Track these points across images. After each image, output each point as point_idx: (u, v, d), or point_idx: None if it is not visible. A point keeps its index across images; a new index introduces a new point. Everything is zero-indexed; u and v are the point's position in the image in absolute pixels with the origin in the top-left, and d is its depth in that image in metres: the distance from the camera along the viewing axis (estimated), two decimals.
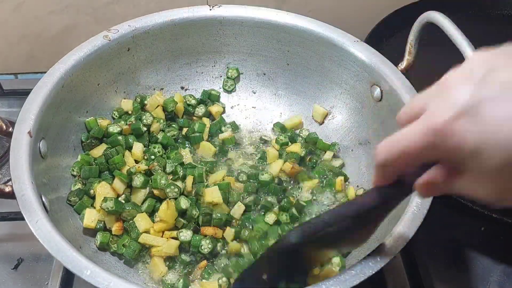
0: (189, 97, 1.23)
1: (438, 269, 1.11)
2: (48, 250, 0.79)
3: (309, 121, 1.25)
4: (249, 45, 1.23)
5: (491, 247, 1.15)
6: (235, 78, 1.27)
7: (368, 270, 0.78)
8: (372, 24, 1.35)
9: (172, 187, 1.01)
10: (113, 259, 1.00)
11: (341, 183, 1.11)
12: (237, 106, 1.28)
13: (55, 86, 1.01)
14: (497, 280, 1.10)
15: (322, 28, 1.16)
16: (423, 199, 0.86)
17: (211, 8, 1.19)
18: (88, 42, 1.09)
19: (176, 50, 1.21)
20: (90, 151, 1.09)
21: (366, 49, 1.13)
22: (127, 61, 1.16)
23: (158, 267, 0.97)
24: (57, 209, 0.95)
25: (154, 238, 0.98)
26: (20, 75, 1.51)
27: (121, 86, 1.18)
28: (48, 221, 0.82)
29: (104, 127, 1.10)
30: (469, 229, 1.17)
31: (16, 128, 0.93)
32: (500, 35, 1.47)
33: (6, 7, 1.36)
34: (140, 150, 1.08)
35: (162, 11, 1.17)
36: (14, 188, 0.85)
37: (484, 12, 1.51)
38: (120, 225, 1.00)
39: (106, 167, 1.06)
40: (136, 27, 1.13)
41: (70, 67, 1.04)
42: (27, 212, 0.82)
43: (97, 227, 0.99)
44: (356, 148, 1.18)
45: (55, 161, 1.02)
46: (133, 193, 1.03)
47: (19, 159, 0.89)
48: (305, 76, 1.23)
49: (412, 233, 0.83)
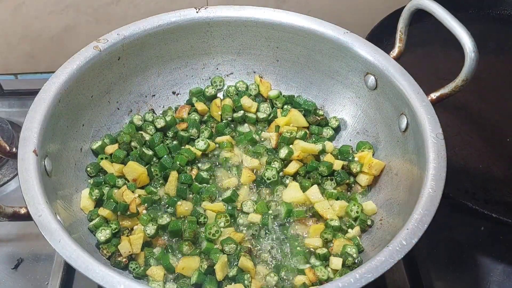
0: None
1: (438, 269, 1.11)
2: (75, 267, 0.79)
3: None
4: (238, 44, 1.23)
5: (491, 247, 1.16)
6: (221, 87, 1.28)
7: (397, 255, 0.80)
8: (372, 24, 1.36)
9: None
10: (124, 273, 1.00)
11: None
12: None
13: (52, 101, 0.99)
14: (497, 280, 1.11)
15: (310, 23, 1.17)
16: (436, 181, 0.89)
17: (198, 10, 1.18)
18: (79, 54, 1.07)
19: (165, 56, 1.21)
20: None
21: (357, 39, 1.14)
22: (118, 70, 1.15)
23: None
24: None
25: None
26: (20, 75, 1.50)
27: (114, 96, 1.17)
28: (71, 240, 0.81)
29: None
30: (469, 229, 1.18)
31: (20, 148, 0.91)
32: (500, 35, 1.48)
33: (6, 7, 1.35)
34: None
35: (160, 13, 1.17)
36: (30, 210, 0.83)
37: (484, 12, 1.52)
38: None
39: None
40: (125, 35, 1.12)
41: (64, 81, 1.03)
42: (48, 233, 0.81)
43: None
44: (354, 137, 1.20)
45: (59, 178, 1.00)
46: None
47: (29, 179, 0.87)
48: (296, 71, 1.24)
49: (432, 213, 0.85)
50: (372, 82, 1.12)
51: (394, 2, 1.34)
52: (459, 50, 0.98)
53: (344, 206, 1.06)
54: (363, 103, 1.17)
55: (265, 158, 1.15)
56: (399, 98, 1.06)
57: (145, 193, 1.08)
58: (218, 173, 1.13)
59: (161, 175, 1.11)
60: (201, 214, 1.05)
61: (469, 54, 0.97)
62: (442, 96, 1.03)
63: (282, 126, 1.19)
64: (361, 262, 0.98)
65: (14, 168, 1.26)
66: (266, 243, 1.03)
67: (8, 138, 1.29)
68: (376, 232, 1.03)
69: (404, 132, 1.06)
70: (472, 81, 1.00)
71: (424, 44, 1.42)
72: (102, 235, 1.00)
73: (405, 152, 1.05)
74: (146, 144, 1.15)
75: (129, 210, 1.03)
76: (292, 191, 1.09)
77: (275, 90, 1.25)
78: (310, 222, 1.06)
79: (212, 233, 1.01)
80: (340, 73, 1.19)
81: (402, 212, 0.96)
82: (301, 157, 1.13)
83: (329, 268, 0.99)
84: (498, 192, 1.15)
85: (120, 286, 0.76)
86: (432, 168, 0.92)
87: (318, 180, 1.11)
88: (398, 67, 1.08)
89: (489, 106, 1.33)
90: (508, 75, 1.41)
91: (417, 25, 1.17)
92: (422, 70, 1.19)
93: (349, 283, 0.77)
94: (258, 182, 1.11)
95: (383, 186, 1.09)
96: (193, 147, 1.15)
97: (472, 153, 1.23)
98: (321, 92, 1.24)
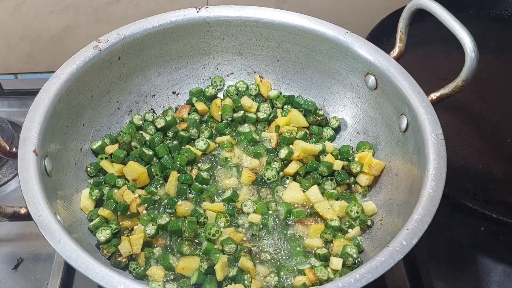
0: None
1: (438, 269, 1.11)
2: (75, 267, 0.79)
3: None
4: (238, 44, 1.23)
5: (491, 247, 1.16)
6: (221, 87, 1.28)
7: (397, 255, 0.80)
8: (372, 24, 1.36)
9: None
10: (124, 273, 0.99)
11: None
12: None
13: (52, 101, 0.99)
14: (497, 280, 1.11)
15: (310, 22, 1.17)
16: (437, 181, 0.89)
17: (198, 10, 1.18)
18: (79, 54, 1.07)
19: (165, 55, 1.21)
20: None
21: (357, 39, 1.14)
22: (118, 70, 1.15)
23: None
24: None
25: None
26: (20, 75, 1.50)
27: (114, 96, 1.16)
28: (71, 240, 0.81)
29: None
30: (469, 229, 1.18)
31: (20, 148, 0.91)
32: (500, 35, 1.48)
33: (6, 7, 1.35)
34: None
35: (160, 13, 1.17)
36: (30, 210, 0.83)
37: (484, 12, 1.52)
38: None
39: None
40: (126, 35, 1.12)
41: (64, 81, 1.02)
42: (48, 233, 0.81)
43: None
44: (354, 138, 1.19)
45: (59, 178, 1.00)
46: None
47: (29, 179, 0.87)
48: (296, 71, 1.24)
49: (432, 214, 0.85)
50: (372, 82, 1.13)
51: (394, 2, 1.34)
52: (459, 50, 0.98)
53: (344, 206, 1.06)
54: (363, 103, 1.17)
55: (265, 158, 1.15)
56: (399, 98, 1.06)
57: (145, 193, 1.08)
58: (218, 173, 1.13)
59: (161, 175, 1.11)
60: (201, 214, 1.05)
61: (470, 54, 0.97)
62: (442, 96, 1.03)
63: (282, 126, 1.19)
64: (361, 263, 0.98)
65: (14, 168, 1.26)
66: (266, 243, 1.03)
67: (8, 138, 1.29)
68: (376, 232, 1.03)
69: (404, 132, 1.06)
70: (472, 81, 1.00)
71: (424, 44, 1.42)
72: (102, 235, 1.00)
73: (405, 152, 1.05)
74: (146, 144, 1.15)
75: (129, 210, 1.03)
76: (292, 191, 1.09)
77: (275, 90, 1.25)
78: (310, 222, 1.06)
79: (212, 233, 1.01)
80: (341, 73, 1.19)
81: (402, 212, 0.96)
82: (301, 157, 1.13)
83: (329, 268, 0.98)
84: (498, 192, 1.15)
85: (120, 286, 0.76)
86: (432, 168, 0.92)
87: (318, 180, 1.11)
88: (398, 67, 1.08)
89: (489, 106, 1.33)
90: (508, 75, 1.41)
91: (417, 25, 1.17)
92: (423, 70, 1.19)
93: (349, 283, 0.77)
94: (258, 182, 1.11)
95: (383, 186, 1.09)
96: (193, 147, 1.15)
97: (472, 153, 1.23)
98: (321, 92, 1.24)
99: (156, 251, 1.01)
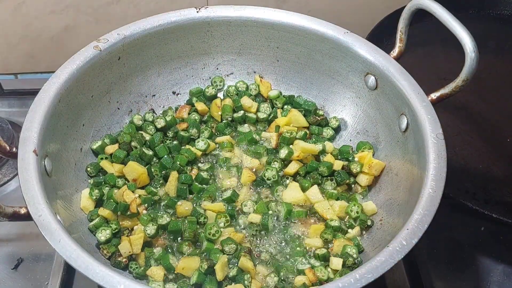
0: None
1: (438, 269, 1.11)
2: (75, 267, 0.79)
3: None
4: (238, 44, 1.23)
5: (491, 247, 1.16)
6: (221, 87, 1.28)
7: (397, 255, 0.80)
8: (372, 24, 1.36)
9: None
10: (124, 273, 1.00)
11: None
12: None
13: (53, 101, 0.99)
14: (497, 280, 1.11)
15: (310, 22, 1.17)
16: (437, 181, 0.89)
17: (198, 10, 1.18)
18: (79, 54, 1.07)
19: (165, 55, 1.21)
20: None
21: (357, 39, 1.14)
22: (118, 70, 1.15)
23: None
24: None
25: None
26: (20, 75, 1.50)
27: (114, 96, 1.17)
28: (71, 240, 0.81)
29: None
30: (469, 229, 1.18)
31: (20, 148, 0.91)
32: (500, 35, 1.49)
33: (6, 7, 1.35)
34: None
35: (160, 13, 1.17)
36: (30, 210, 0.83)
37: (484, 12, 1.52)
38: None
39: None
40: (126, 35, 1.12)
41: (64, 81, 1.02)
42: (48, 233, 0.81)
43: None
44: (354, 138, 1.19)
45: (59, 178, 1.00)
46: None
47: (29, 179, 0.87)
48: (296, 71, 1.24)
49: (432, 214, 0.85)
50: (372, 82, 1.13)
51: (394, 2, 1.34)
52: (459, 50, 0.98)
53: (344, 206, 1.06)
54: (363, 103, 1.17)
55: (265, 158, 1.15)
56: (399, 98, 1.06)
57: (145, 193, 1.08)
58: (218, 173, 1.13)
59: (161, 175, 1.11)
60: (201, 214, 1.05)
61: (470, 54, 0.97)
62: (442, 96, 1.03)
63: (282, 126, 1.19)
64: (361, 263, 0.98)
65: (14, 168, 1.26)
66: (266, 243, 1.03)
67: (8, 138, 1.29)
68: (376, 232, 1.03)
69: (404, 132, 1.06)
70: (472, 81, 1.00)
71: (424, 44, 1.42)
72: (102, 235, 1.00)
73: (405, 152, 1.05)
74: (146, 144, 1.15)
75: (129, 210, 1.03)
76: (292, 191, 1.09)
77: (275, 90, 1.25)
78: (310, 222, 1.06)
79: (212, 233, 1.01)
80: (340, 73, 1.19)
81: (402, 212, 0.96)
82: (301, 157, 1.13)
83: (329, 268, 0.98)
84: (498, 192, 1.15)
85: (120, 286, 0.76)
86: (432, 168, 0.92)
87: (318, 180, 1.11)
88: (398, 67, 1.08)
89: (489, 106, 1.33)
90: (508, 75, 1.41)
91: (417, 25, 1.17)
92: (423, 70, 1.19)
93: (349, 284, 0.77)
94: (258, 182, 1.11)
95: (383, 186, 1.09)
96: (193, 147, 1.15)
97: (472, 153, 1.23)
98: (321, 92, 1.24)
99: (156, 251, 1.01)
